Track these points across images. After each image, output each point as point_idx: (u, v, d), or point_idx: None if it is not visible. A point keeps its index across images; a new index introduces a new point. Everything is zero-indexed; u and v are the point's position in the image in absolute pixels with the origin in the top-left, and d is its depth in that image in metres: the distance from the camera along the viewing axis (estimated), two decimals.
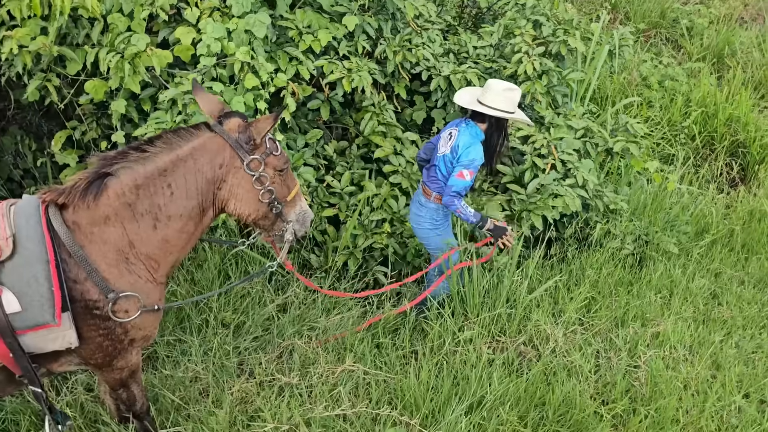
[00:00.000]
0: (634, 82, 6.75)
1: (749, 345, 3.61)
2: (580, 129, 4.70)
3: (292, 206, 2.69)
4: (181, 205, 2.38)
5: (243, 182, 2.48)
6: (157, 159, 2.33)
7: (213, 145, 2.41)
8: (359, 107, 4.68)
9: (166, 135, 2.40)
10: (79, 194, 2.25)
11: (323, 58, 4.06)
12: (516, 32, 4.86)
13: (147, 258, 2.38)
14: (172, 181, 2.35)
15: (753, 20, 8.50)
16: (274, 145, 2.54)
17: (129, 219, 2.31)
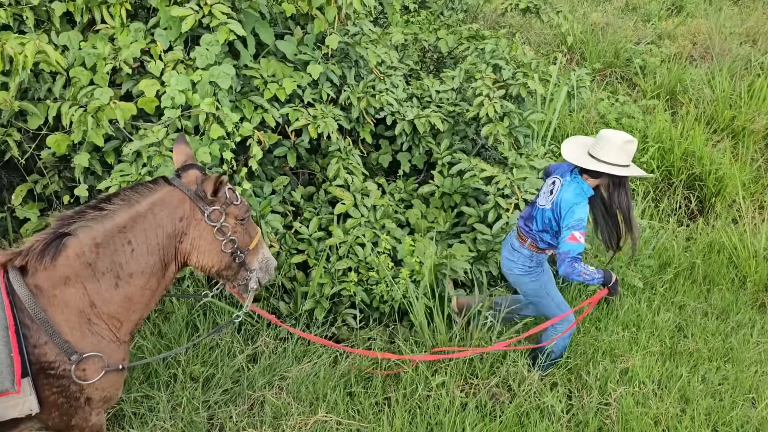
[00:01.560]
0: (592, 120, 6.95)
1: (715, 377, 3.67)
2: (542, 169, 4.80)
3: (255, 254, 2.70)
4: (143, 261, 2.37)
5: (204, 234, 2.48)
6: (115, 216, 2.32)
7: (172, 198, 2.42)
8: (325, 153, 4.73)
9: (123, 192, 2.40)
10: (36, 256, 2.22)
11: (288, 106, 4.10)
12: (477, 76, 4.99)
13: (109, 317, 2.34)
14: (132, 237, 2.34)
15: (702, 58, 8.87)
16: (234, 195, 2.56)
17: (90, 278, 2.28)
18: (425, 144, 4.94)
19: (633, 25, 9.17)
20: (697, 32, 9.18)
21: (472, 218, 4.61)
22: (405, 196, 4.92)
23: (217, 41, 3.47)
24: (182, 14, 3.47)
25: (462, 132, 5.26)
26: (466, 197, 4.82)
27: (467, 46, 5.42)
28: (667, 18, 9.59)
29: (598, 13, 9.28)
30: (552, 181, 3.47)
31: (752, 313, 4.44)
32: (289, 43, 4.23)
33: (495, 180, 4.56)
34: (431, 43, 5.76)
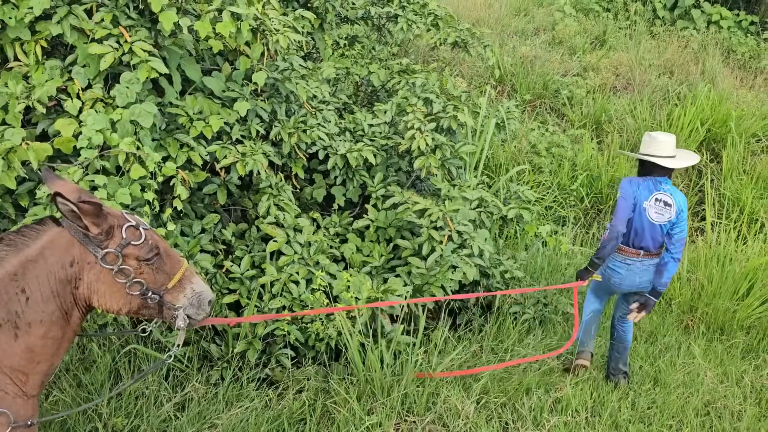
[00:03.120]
0: (524, 150, 7.14)
1: (644, 401, 3.75)
2: (474, 200, 4.87)
3: (180, 290, 2.46)
4: (39, 309, 2.21)
5: (102, 277, 2.30)
6: (5, 263, 2.17)
7: (61, 241, 2.24)
8: (256, 189, 4.66)
9: (7, 236, 2.23)
10: None
11: (216, 144, 4.02)
12: (408, 109, 5.05)
13: (13, 371, 2.18)
14: (25, 285, 2.18)
15: (624, 89, 9.30)
16: (134, 234, 2.33)
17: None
18: (359, 177, 4.94)
19: (560, 57, 9.54)
20: (619, 64, 9.62)
21: (406, 251, 4.61)
22: (340, 231, 4.88)
23: (137, 79, 3.38)
24: (101, 52, 3.37)
25: (396, 165, 5.29)
26: (400, 230, 4.82)
27: (398, 80, 5.49)
28: (591, 51, 10.02)
29: (527, 46, 9.61)
30: (656, 199, 3.92)
31: (678, 335, 4.58)
32: (217, 80, 4.17)
33: (428, 213, 4.59)
34: (363, 77, 5.80)
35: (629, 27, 11.11)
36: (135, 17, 3.60)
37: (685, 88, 8.77)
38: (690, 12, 11.35)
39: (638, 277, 3.98)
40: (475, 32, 5.80)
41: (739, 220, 6.67)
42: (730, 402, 3.73)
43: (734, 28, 11.12)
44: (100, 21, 3.44)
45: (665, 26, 11.27)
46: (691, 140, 7.70)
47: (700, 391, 3.80)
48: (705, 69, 9.63)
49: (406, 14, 5.78)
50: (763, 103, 8.62)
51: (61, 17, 3.39)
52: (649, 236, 3.93)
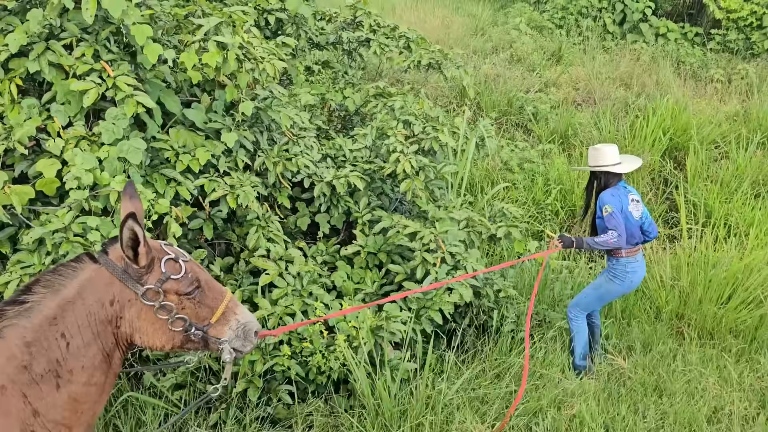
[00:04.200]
0: (497, 167, 7.19)
1: (654, 414, 3.76)
2: (462, 220, 4.85)
3: (224, 323, 2.32)
4: (81, 355, 2.06)
5: (143, 314, 2.17)
6: (42, 307, 2.01)
7: (99, 279, 2.11)
8: (242, 221, 4.53)
9: (44, 277, 2.09)
10: None
11: (203, 177, 3.89)
12: (389, 132, 5.02)
13: (55, 425, 2.02)
14: (65, 329, 2.03)
15: (584, 102, 9.52)
16: (174, 267, 2.21)
17: (28, 384, 1.97)
18: (344, 204, 4.87)
19: (521, 75, 9.72)
20: (578, 79, 9.87)
21: (399, 276, 4.54)
22: (328, 259, 4.78)
23: (124, 114, 3.24)
24: (83, 88, 3.23)
25: (378, 189, 5.24)
26: (390, 255, 4.76)
27: (375, 104, 5.46)
28: (549, 67, 10.25)
29: (488, 65, 9.76)
30: (631, 199, 4.43)
31: (671, 343, 4.63)
32: (198, 112, 4.06)
33: (419, 236, 4.54)
34: (338, 103, 5.76)
35: (582, 42, 11.44)
36: (116, 51, 3.47)
37: (644, 100, 9.04)
38: (638, 26, 11.77)
39: (643, 267, 4.49)
40: (448, 53, 5.84)
41: (708, 224, 6.86)
42: (737, 407, 3.77)
43: (681, 39, 11.58)
44: (80, 56, 3.30)
45: (616, 40, 11.65)
46: (655, 149, 7.91)
47: (705, 398, 3.84)
48: (659, 80, 9.96)
49: (377, 38, 5.78)
50: (717, 111, 8.96)
51: (39, 53, 3.24)
52: (637, 232, 4.45)
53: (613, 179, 4.49)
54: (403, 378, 3.97)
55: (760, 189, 7.53)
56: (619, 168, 4.48)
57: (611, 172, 4.45)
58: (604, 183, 4.51)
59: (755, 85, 10.08)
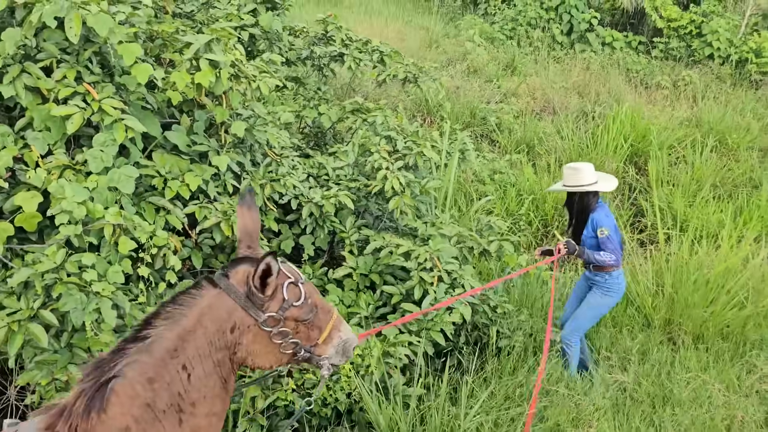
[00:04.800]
0: (469, 179, 7.16)
1: (669, 424, 3.74)
2: (453, 236, 4.76)
3: (329, 342, 2.27)
4: (202, 385, 1.97)
5: (259, 339, 2.07)
6: (162, 340, 1.92)
7: (220, 305, 2.01)
8: (223, 247, 4.29)
9: (164, 308, 1.98)
10: (80, 415, 1.80)
11: (192, 204, 3.65)
12: (372, 149, 4.89)
13: None
14: (185, 360, 1.94)
15: (543, 111, 9.67)
16: (295, 292, 2.12)
17: (151, 422, 1.88)
18: (329, 224, 4.69)
19: (479, 86, 9.78)
20: (535, 89, 10.01)
21: (395, 297, 4.39)
22: (316, 282, 4.59)
23: (113, 140, 2.98)
24: (66, 113, 2.95)
25: (362, 207, 5.09)
26: (382, 275, 4.61)
27: (354, 120, 5.32)
28: (505, 78, 10.36)
29: (446, 77, 9.78)
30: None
31: (665, 350, 4.66)
32: (180, 134, 3.81)
33: (414, 255, 4.41)
34: (313, 119, 5.59)
35: (533, 53, 11.64)
36: (98, 72, 3.20)
37: (602, 108, 9.24)
38: (585, 36, 12.08)
39: None
40: (422, 66, 5.76)
41: (674, 227, 7.03)
42: (747, 413, 3.80)
43: (626, 48, 11.96)
44: (61, 78, 3.02)
45: (565, 50, 11.92)
46: (618, 156, 8.08)
47: (713, 405, 3.86)
48: (611, 88, 10.23)
49: (351, 52, 5.65)
50: (670, 117, 9.25)
51: (14, 77, 2.94)
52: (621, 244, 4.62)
53: (594, 198, 4.56)
54: (406, 403, 3.82)
55: (719, 191, 7.79)
56: (599, 187, 4.53)
57: (591, 191, 4.52)
58: (586, 202, 4.57)
59: (700, 91, 10.50)
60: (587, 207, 4.56)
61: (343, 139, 6.08)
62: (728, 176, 8.06)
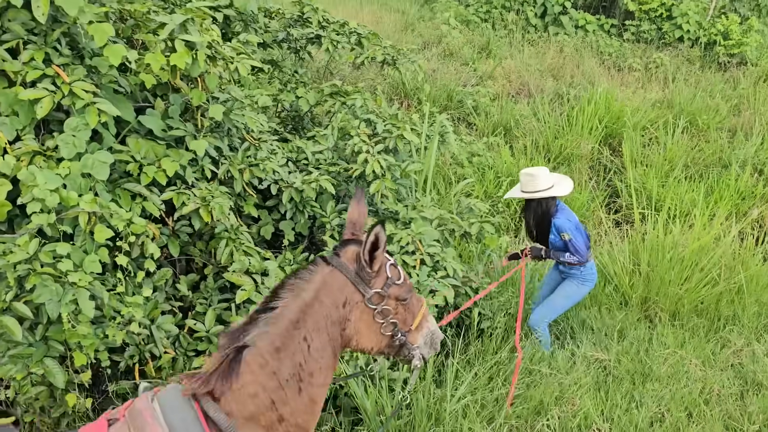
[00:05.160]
0: (447, 162, 7.14)
1: (650, 400, 3.79)
2: (434, 219, 4.74)
3: (419, 330, 2.42)
4: (319, 356, 2.13)
5: (364, 317, 2.23)
6: (287, 312, 2.08)
7: (333, 281, 2.17)
8: (202, 234, 4.21)
9: (288, 281, 2.15)
10: (220, 378, 1.96)
11: (170, 190, 3.56)
12: (352, 132, 4.83)
13: (298, 429, 2.09)
14: (306, 332, 2.10)
15: (519, 93, 9.68)
16: (396, 272, 2.28)
17: (276, 389, 2.03)
18: (309, 209, 4.63)
19: (455, 69, 9.74)
20: (510, 72, 10.01)
21: None
22: (297, 267, 4.53)
23: (85, 125, 2.88)
24: (35, 96, 2.83)
25: (342, 191, 5.04)
26: None
27: (333, 103, 5.24)
28: (480, 61, 10.33)
29: (423, 60, 9.70)
30: None
31: (643, 328, 4.72)
32: (155, 118, 3.70)
33: (396, 238, 4.39)
34: (291, 103, 5.49)
35: (508, 36, 11.63)
36: (67, 54, 3.08)
37: (577, 90, 9.28)
38: (559, 18, 12.10)
39: None
40: (401, 48, 5.70)
41: (649, 207, 7.12)
42: (723, 386, 3.87)
43: (599, 31, 12.01)
44: (29, 60, 2.89)
45: (539, 33, 11.93)
46: (593, 137, 8.13)
47: (691, 379, 3.92)
48: (584, 71, 10.28)
49: (328, 34, 5.55)
50: (643, 98, 9.34)
51: None
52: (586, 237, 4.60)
53: (552, 201, 4.57)
54: (391, 387, 3.81)
55: (690, 171, 7.91)
56: (555, 191, 4.51)
57: (549, 196, 4.52)
58: (546, 207, 4.55)
59: (671, 73, 10.61)
60: (547, 212, 4.55)
61: (321, 123, 6.01)
62: (699, 156, 8.18)
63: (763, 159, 8.12)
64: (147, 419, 1.94)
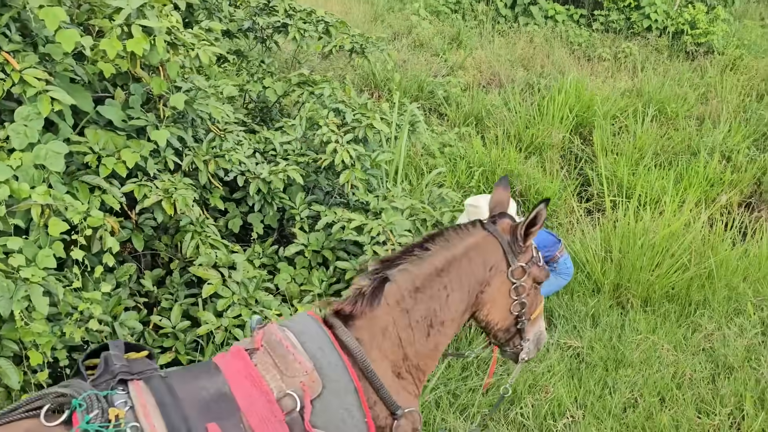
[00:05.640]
0: (418, 153, 7.09)
1: (623, 386, 3.79)
2: (405, 208, 4.68)
3: (534, 324, 2.52)
4: (454, 308, 2.23)
5: (503, 288, 2.33)
6: (434, 258, 2.20)
7: (487, 244, 2.31)
8: (168, 228, 4.10)
9: (446, 232, 2.31)
10: (365, 302, 2.07)
11: (130, 182, 3.43)
12: (320, 122, 4.74)
13: (417, 370, 2.19)
14: (448, 282, 2.21)
15: (490, 84, 9.66)
16: (539, 255, 2.43)
17: (404, 328, 2.14)
18: (278, 201, 4.54)
19: (426, 60, 9.68)
20: (481, 62, 9.99)
21: (349, 273, 4.29)
22: (266, 261, 4.45)
23: (38, 114, 2.75)
24: None
25: (312, 182, 4.95)
26: (334, 251, 4.50)
27: (301, 92, 5.14)
28: (451, 51, 10.29)
29: (393, 50, 9.63)
30: None
31: (615, 314, 4.73)
32: (114, 108, 3.58)
33: (367, 228, 4.32)
34: (258, 93, 5.38)
35: (478, 26, 11.61)
36: (18, 40, 2.94)
37: (547, 80, 9.30)
38: (529, 9, 12.12)
39: None
40: (369, 37, 5.62)
41: (620, 195, 7.16)
42: (695, 370, 3.89)
43: (568, 21, 12.06)
44: None
45: (509, 23, 11.93)
46: (563, 127, 8.15)
47: (663, 364, 3.94)
48: (555, 60, 10.31)
49: (295, 23, 5.44)
50: (613, 88, 9.39)
51: None
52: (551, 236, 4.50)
53: None
54: None
55: (660, 159, 7.98)
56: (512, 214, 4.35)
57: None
58: None
59: (639, 62, 10.70)
60: None
61: (290, 114, 5.90)
62: (668, 144, 8.25)
63: (730, 146, 8.23)
64: (288, 348, 1.97)
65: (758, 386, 3.74)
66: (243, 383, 1.92)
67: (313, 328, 2.05)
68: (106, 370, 1.89)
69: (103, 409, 1.75)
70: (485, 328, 2.46)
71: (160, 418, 1.78)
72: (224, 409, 1.85)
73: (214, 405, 1.86)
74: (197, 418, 1.81)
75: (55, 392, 1.79)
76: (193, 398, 1.86)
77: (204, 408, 1.85)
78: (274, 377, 1.94)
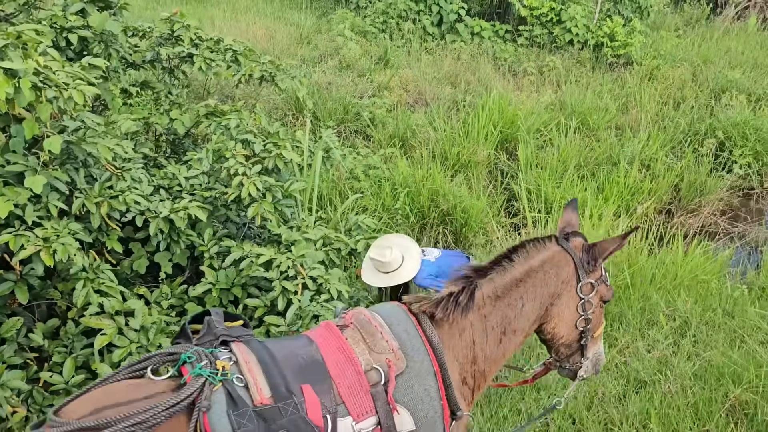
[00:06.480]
0: (343, 177, 7.01)
1: (536, 409, 3.76)
2: (318, 239, 4.58)
3: (595, 342, 2.60)
4: (526, 318, 2.34)
5: (570, 303, 2.44)
6: (513, 269, 2.34)
7: (561, 259, 2.43)
8: (65, 275, 3.88)
9: (527, 244, 2.42)
10: (459, 310, 2.17)
11: (6, 233, 3.22)
12: (227, 154, 4.60)
13: (480, 376, 2.29)
14: (524, 292, 2.33)
15: (416, 103, 9.70)
16: (606, 275, 2.53)
17: (480, 332, 2.26)
18: (185, 238, 4.37)
19: (352, 81, 9.65)
20: (407, 81, 10.03)
21: (259, 310, 4.15)
22: (174, 302, 4.27)
23: None
24: None
25: (222, 216, 4.80)
26: (245, 288, 4.34)
27: (208, 124, 4.99)
28: (378, 71, 10.30)
29: (318, 73, 9.57)
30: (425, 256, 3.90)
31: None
32: None
33: (275, 263, 4.19)
34: (165, 126, 5.20)
35: (405, 45, 11.68)
36: None
37: (471, 97, 9.39)
38: (455, 26, 12.28)
39: None
40: (280, 64, 5.52)
41: (543, 209, 7.24)
42: (606, 387, 3.89)
43: (494, 37, 12.27)
44: None
45: (437, 41, 12.06)
46: (488, 143, 8.23)
47: None
48: (480, 77, 10.44)
49: (201, 52, 5.30)
50: (536, 102, 9.56)
51: None
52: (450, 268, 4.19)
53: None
54: None
55: (583, 171, 8.13)
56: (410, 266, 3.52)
57: None
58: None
59: (563, 76, 10.95)
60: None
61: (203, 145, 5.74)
62: (591, 155, 8.42)
63: (649, 155, 8.46)
64: (377, 327, 2.13)
65: (664, 401, 3.76)
66: (334, 353, 2.10)
67: (400, 314, 2.21)
68: (209, 332, 2.13)
69: (211, 361, 1.98)
70: (550, 341, 2.55)
71: (261, 374, 1.98)
72: (317, 373, 2.03)
73: (308, 369, 2.03)
74: (293, 379, 1.98)
75: (165, 351, 2.05)
76: (289, 361, 2.04)
77: (299, 371, 2.02)
78: (363, 351, 2.11)
